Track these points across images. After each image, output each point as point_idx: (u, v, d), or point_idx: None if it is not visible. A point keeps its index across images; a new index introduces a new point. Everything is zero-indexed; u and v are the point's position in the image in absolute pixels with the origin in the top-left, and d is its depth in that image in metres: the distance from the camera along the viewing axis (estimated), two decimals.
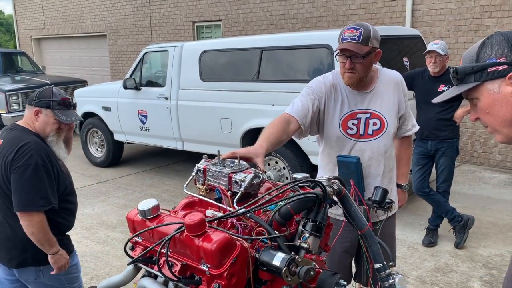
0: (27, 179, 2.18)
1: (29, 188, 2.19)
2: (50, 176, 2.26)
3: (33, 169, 2.19)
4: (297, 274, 1.21)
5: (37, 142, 2.27)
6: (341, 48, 2.08)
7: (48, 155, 2.28)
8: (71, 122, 2.41)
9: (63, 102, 2.36)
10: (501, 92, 1.07)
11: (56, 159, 2.35)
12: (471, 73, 1.10)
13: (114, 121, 6.83)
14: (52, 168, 2.28)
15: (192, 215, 1.28)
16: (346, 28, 2.11)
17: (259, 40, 5.42)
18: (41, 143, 2.30)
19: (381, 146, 2.26)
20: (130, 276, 1.53)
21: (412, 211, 4.95)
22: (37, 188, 2.20)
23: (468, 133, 6.72)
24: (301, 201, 1.35)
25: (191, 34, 10.41)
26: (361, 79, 2.16)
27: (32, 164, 2.19)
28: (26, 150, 2.20)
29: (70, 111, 2.40)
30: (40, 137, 2.33)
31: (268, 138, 1.88)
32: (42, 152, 2.25)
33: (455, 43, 6.65)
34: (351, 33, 2.07)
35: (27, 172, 2.18)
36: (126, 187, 6.17)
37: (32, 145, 2.23)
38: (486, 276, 3.64)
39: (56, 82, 9.53)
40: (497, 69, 1.06)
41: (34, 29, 15.05)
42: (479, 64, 1.09)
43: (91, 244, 4.42)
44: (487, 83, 1.08)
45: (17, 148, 2.21)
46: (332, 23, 8.00)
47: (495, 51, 1.07)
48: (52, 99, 2.33)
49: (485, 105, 1.10)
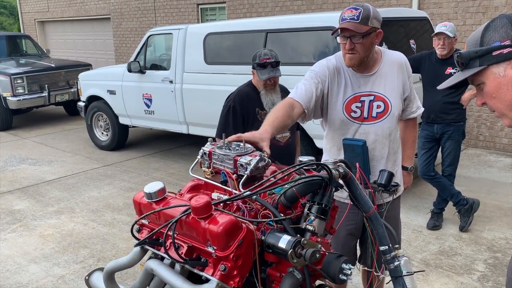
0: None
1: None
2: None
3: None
4: (303, 256, 1.22)
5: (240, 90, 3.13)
6: (341, 28, 2.07)
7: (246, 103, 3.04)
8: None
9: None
10: (507, 76, 1.06)
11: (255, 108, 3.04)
12: (476, 58, 1.09)
13: (119, 104, 6.83)
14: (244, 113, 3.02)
15: (198, 198, 1.29)
16: (346, 8, 2.10)
17: (264, 22, 5.36)
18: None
19: (385, 129, 2.25)
20: (136, 258, 1.55)
21: (417, 195, 4.95)
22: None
23: (475, 117, 6.67)
24: (307, 184, 1.35)
25: (195, 16, 10.32)
26: (362, 60, 2.13)
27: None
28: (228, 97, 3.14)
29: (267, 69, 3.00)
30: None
31: (273, 122, 1.88)
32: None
33: (462, 25, 6.55)
34: (350, 13, 2.06)
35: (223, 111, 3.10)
36: (132, 171, 6.20)
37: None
38: (491, 259, 3.65)
39: (61, 65, 9.54)
40: (502, 52, 1.05)
41: (38, 12, 14.97)
42: (484, 48, 1.07)
43: (98, 226, 4.47)
44: (492, 67, 1.07)
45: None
46: (337, 5, 7.89)
47: (499, 34, 1.06)
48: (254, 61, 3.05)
49: (491, 89, 1.09)
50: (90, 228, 4.44)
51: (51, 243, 4.14)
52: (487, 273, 3.44)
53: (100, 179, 5.89)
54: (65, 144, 7.76)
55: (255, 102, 3.07)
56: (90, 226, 4.47)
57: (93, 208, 4.93)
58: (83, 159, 6.82)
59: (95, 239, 4.20)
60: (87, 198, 5.23)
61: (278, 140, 3.05)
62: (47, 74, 9.13)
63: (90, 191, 5.45)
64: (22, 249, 4.03)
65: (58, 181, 5.84)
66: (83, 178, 5.94)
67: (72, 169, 6.31)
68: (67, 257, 3.88)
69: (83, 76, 7.54)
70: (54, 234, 4.32)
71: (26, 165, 6.57)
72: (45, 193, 5.42)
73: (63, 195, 5.33)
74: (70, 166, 6.45)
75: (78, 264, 3.75)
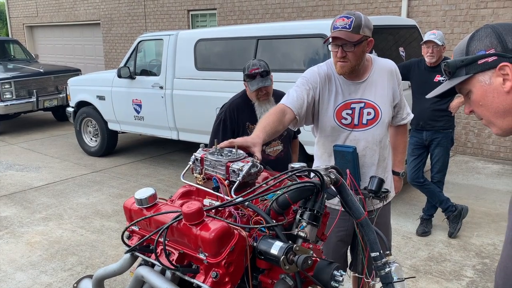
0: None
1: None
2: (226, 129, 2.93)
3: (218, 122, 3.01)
4: (295, 263, 1.22)
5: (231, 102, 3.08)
6: (332, 36, 2.09)
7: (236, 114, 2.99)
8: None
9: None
10: (492, 84, 1.08)
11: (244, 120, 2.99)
12: (462, 66, 1.11)
13: (109, 110, 6.78)
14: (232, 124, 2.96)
15: (190, 204, 1.28)
16: (338, 17, 2.12)
17: (255, 29, 5.38)
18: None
19: (375, 136, 2.27)
20: (126, 265, 1.53)
21: (406, 201, 4.98)
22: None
23: (463, 124, 6.75)
24: (299, 190, 1.35)
25: (185, 22, 10.32)
26: (353, 68, 2.16)
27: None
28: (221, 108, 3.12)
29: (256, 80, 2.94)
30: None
31: (265, 128, 1.88)
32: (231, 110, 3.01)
33: (450, 33, 6.64)
34: (342, 22, 2.08)
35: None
36: (121, 177, 6.15)
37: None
38: (479, 265, 3.68)
39: (50, 70, 9.46)
40: (487, 60, 1.08)
41: (27, 17, 14.85)
42: (469, 57, 1.10)
43: (86, 233, 4.41)
44: (478, 75, 1.10)
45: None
46: (328, 13, 7.95)
47: (484, 43, 1.09)
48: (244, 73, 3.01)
49: (478, 97, 1.12)
50: (79, 235, 4.38)
51: (38, 250, 4.08)
52: (475, 279, 3.47)
53: (89, 185, 5.83)
54: (54, 150, 7.68)
55: (246, 115, 3.00)
56: (78, 233, 4.42)
57: (81, 214, 4.88)
58: (72, 165, 6.75)
59: (83, 246, 4.15)
60: (75, 204, 5.18)
61: (269, 154, 2.99)
62: (36, 79, 9.05)
63: (78, 197, 5.39)
64: (9, 257, 3.97)
65: (46, 188, 5.77)
66: (71, 184, 5.88)
67: (61, 175, 6.24)
68: (54, 264, 3.83)
69: (72, 81, 7.48)
70: (42, 241, 4.25)
71: (13, 171, 6.49)
72: (32, 200, 5.35)
73: (51, 202, 5.27)
74: (58, 172, 6.38)
75: (66, 272, 3.70)
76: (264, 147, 2.96)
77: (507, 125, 1.11)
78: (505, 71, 1.06)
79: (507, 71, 1.05)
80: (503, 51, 1.06)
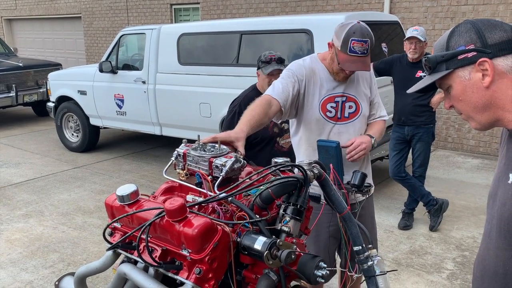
0: None
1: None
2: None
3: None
4: (279, 258, 1.22)
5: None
6: (357, 69, 2.14)
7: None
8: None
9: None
10: (472, 79, 1.10)
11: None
12: (442, 62, 1.12)
13: (90, 105, 6.69)
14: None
15: (172, 200, 1.27)
16: (353, 38, 2.05)
17: (239, 24, 5.35)
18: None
19: (357, 129, 2.31)
20: (109, 262, 1.52)
21: (388, 195, 5.04)
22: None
23: (443, 119, 6.85)
24: (282, 185, 1.35)
25: (168, 17, 10.22)
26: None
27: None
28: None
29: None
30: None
31: (249, 121, 1.88)
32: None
33: (432, 29, 6.72)
34: (361, 47, 2.06)
35: None
36: (103, 173, 6.08)
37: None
38: (459, 257, 3.75)
39: (30, 65, 9.27)
40: (467, 56, 1.09)
41: (5, 10, 14.51)
42: (449, 52, 1.11)
43: (68, 230, 4.36)
44: (458, 70, 1.11)
45: None
46: (311, 8, 7.96)
47: (463, 38, 1.10)
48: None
49: (457, 92, 1.13)
50: (60, 231, 4.32)
51: (18, 247, 4.02)
52: (455, 271, 3.54)
53: (70, 181, 5.75)
54: (34, 145, 7.54)
55: None
56: (60, 230, 4.36)
57: (63, 211, 4.81)
58: (53, 161, 6.65)
59: (65, 243, 4.10)
60: (56, 201, 5.10)
61: (282, 146, 3.06)
62: (15, 74, 8.86)
63: (60, 193, 5.31)
64: None
65: (26, 184, 5.67)
66: (52, 180, 5.79)
67: (41, 171, 6.14)
68: (35, 262, 3.77)
69: (53, 76, 7.35)
70: (22, 239, 4.18)
71: None
72: (12, 196, 5.25)
73: (31, 198, 5.18)
74: (39, 168, 6.28)
75: (47, 269, 3.65)
76: (278, 139, 3.06)
77: (486, 120, 1.13)
78: (484, 66, 1.07)
79: (486, 67, 1.07)
80: (482, 46, 1.07)
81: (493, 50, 1.06)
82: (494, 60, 1.06)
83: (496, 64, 1.07)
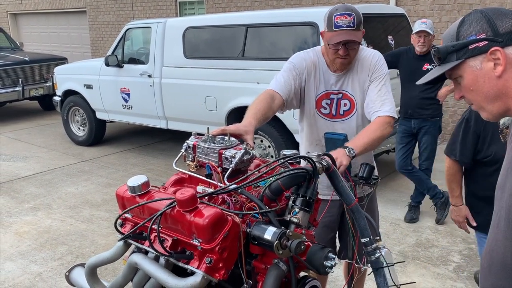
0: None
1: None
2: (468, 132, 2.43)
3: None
4: (288, 248, 1.24)
5: None
6: (344, 39, 2.01)
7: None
8: None
9: None
10: (483, 68, 1.09)
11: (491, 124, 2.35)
12: (453, 52, 1.11)
13: (96, 99, 6.71)
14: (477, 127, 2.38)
15: (183, 191, 1.28)
16: (336, 13, 2.02)
17: (245, 17, 5.34)
18: None
19: (352, 127, 2.27)
20: (119, 252, 1.54)
21: (394, 188, 5.04)
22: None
23: (450, 112, 6.82)
24: (292, 177, 1.36)
25: (173, 10, 10.21)
26: (350, 63, 2.17)
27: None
28: None
29: None
30: None
31: (256, 114, 1.89)
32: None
33: (438, 22, 6.67)
34: (346, 20, 2.01)
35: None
36: (110, 166, 6.12)
37: None
38: (465, 250, 3.75)
39: (36, 59, 9.30)
40: (478, 45, 1.08)
41: (10, 4, 14.54)
42: (460, 42, 1.10)
43: (76, 223, 4.40)
44: (469, 60, 1.10)
45: None
46: (316, 1, 7.93)
47: (474, 28, 1.09)
48: None
49: (468, 83, 1.12)
50: (68, 224, 4.36)
51: (27, 240, 4.06)
52: (462, 264, 3.54)
53: (77, 175, 5.79)
54: (41, 139, 7.59)
55: None
56: (67, 223, 4.40)
57: (70, 204, 4.85)
58: (59, 154, 6.69)
59: (73, 235, 4.14)
60: (64, 194, 5.14)
61: None
62: (21, 68, 8.89)
63: (67, 187, 5.35)
64: None
65: (34, 177, 5.72)
66: (59, 174, 5.83)
67: (48, 165, 6.18)
68: (44, 254, 3.81)
69: (59, 70, 7.37)
70: (31, 231, 4.23)
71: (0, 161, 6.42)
72: (20, 190, 5.30)
73: (39, 191, 5.23)
74: (46, 162, 6.32)
75: (56, 261, 3.69)
76: None
77: (497, 109, 1.12)
78: (496, 55, 1.06)
79: (498, 56, 1.06)
80: (493, 35, 1.06)
81: (504, 39, 1.05)
82: (506, 49, 1.06)
83: (508, 53, 1.06)
